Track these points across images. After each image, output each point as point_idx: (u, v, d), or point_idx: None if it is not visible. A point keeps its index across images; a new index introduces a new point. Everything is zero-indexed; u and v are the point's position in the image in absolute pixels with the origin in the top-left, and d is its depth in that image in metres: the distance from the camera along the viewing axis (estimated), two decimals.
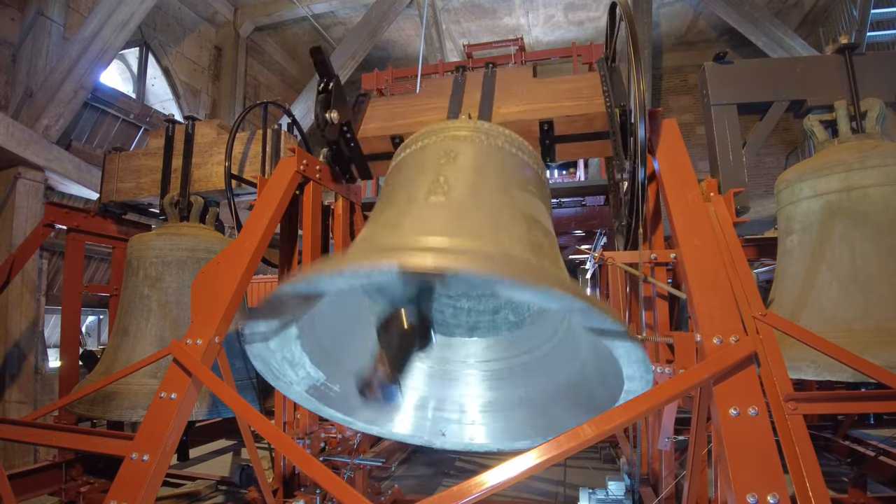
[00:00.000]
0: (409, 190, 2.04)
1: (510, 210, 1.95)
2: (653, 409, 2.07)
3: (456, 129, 2.25)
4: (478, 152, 2.16)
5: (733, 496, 1.73)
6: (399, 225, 1.87)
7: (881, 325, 2.51)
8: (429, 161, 2.13)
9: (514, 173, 2.18)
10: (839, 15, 9.75)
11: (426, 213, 1.88)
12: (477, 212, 1.89)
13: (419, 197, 1.95)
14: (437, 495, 1.77)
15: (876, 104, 2.99)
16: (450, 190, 1.95)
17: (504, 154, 2.21)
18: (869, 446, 4.32)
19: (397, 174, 2.29)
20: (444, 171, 2.03)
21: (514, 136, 2.29)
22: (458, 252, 1.55)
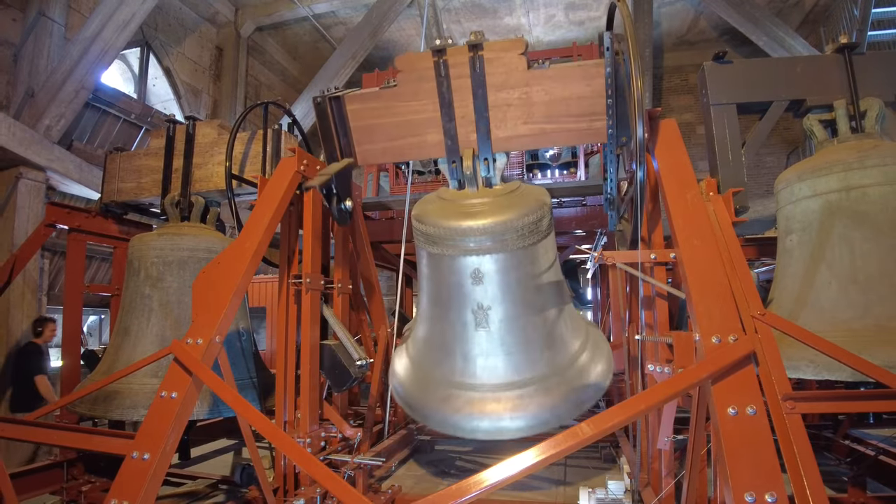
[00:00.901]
0: (455, 313, 2.97)
1: (534, 321, 2.98)
2: (652, 408, 2.08)
3: (475, 241, 2.76)
4: (498, 270, 2.82)
5: (731, 495, 1.74)
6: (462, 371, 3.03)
7: (880, 325, 2.51)
8: (461, 279, 2.88)
9: (529, 269, 2.90)
10: (840, 14, 9.74)
11: (478, 350, 2.97)
12: (511, 336, 2.93)
13: (469, 326, 2.93)
14: (437, 493, 1.78)
15: (875, 104, 2.99)
16: (487, 320, 2.89)
17: (518, 254, 2.81)
18: (869, 446, 4.32)
19: (430, 276, 3.05)
20: (476, 296, 2.87)
21: (524, 225, 2.76)
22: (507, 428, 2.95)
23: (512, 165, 8.46)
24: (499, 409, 2.91)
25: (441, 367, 3.14)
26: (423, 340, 3.31)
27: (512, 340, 2.94)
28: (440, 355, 3.16)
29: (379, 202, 6.44)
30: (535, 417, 2.92)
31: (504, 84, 2.86)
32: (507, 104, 2.88)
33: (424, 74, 2.89)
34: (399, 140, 3.07)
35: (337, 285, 3.72)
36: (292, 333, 3.47)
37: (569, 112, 2.85)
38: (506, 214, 2.78)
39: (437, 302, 3.10)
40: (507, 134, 2.91)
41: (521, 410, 2.90)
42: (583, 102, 2.83)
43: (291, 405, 3.42)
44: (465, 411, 2.95)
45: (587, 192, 5.91)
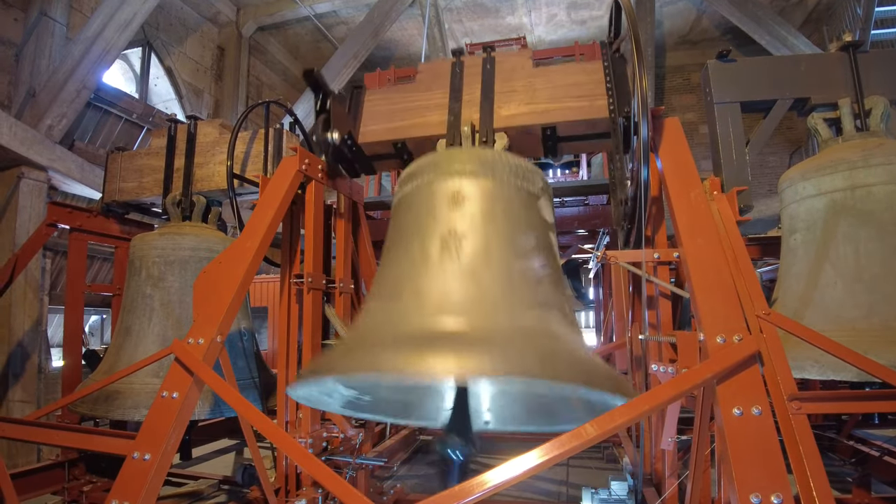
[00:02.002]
0: (420, 242, 2.08)
1: (520, 266, 2.05)
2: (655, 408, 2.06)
3: (460, 163, 2.26)
4: (484, 195, 2.19)
5: (736, 496, 1.72)
6: (416, 307, 1.92)
7: (886, 324, 2.49)
8: (436, 205, 2.16)
9: (521, 212, 2.23)
10: (843, 13, 9.70)
11: (440, 286, 1.93)
12: (489, 274, 1.96)
13: (432, 256, 2.00)
14: (439, 494, 1.76)
15: (880, 102, 2.97)
16: (460, 246, 2.00)
17: (510, 190, 2.24)
18: (873, 446, 4.30)
19: (404, 214, 2.30)
20: (452, 222, 2.08)
21: (518, 165, 2.32)
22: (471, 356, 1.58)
23: None
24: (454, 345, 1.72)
25: (379, 319, 2.04)
26: (364, 308, 2.29)
27: (489, 276, 1.98)
28: (382, 304, 2.09)
29: (381, 201, 6.43)
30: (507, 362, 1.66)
31: (510, 77, 3.01)
32: (511, 91, 2.99)
33: (441, 73, 3.10)
34: (402, 121, 3.12)
35: (339, 285, 3.71)
36: (294, 333, 3.46)
37: (570, 94, 2.95)
38: (500, 154, 2.41)
39: (400, 243, 2.24)
40: (509, 112, 2.95)
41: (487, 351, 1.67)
42: (584, 87, 2.94)
43: (293, 405, 3.41)
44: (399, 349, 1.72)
45: (589, 191, 5.90)
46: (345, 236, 3.92)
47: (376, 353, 1.71)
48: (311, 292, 3.37)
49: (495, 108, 2.94)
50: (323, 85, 2.92)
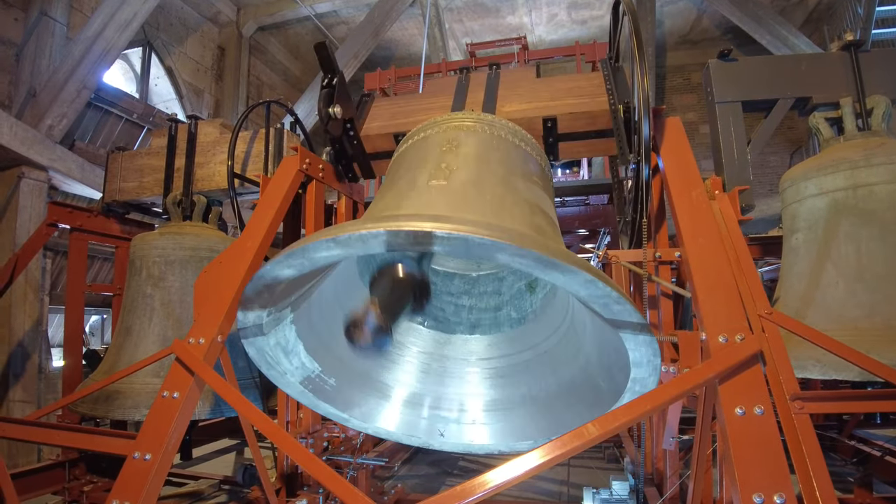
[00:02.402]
0: (411, 175, 2.00)
1: (513, 197, 1.91)
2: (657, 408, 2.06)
3: (459, 119, 2.25)
4: (481, 141, 2.13)
5: (739, 496, 1.71)
6: (399, 206, 1.81)
7: (888, 324, 2.48)
8: (432, 149, 2.11)
9: (518, 163, 2.15)
10: (844, 12, 9.70)
11: (427, 196, 1.83)
12: (479, 196, 1.84)
13: (420, 181, 1.91)
14: (441, 494, 1.76)
15: (882, 101, 2.97)
16: (451, 174, 1.90)
17: (508, 145, 2.18)
18: (875, 446, 4.30)
19: (399, 163, 2.25)
20: (446, 158, 2.00)
21: (517, 129, 2.29)
22: (458, 221, 1.37)
23: None
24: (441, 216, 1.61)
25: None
26: None
27: (480, 201, 1.83)
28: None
29: None
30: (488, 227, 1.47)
31: (514, 85, 3.11)
32: (515, 94, 3.05)
33: (447, 86, 3.23)
34: (404, 118, 3.17)
35: None
36: None
37: (571, 94, 3.01)
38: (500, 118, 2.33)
39: (388, 185, 2.16)
40: (511, 108, 2.99)
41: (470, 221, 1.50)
42: (584, 89, 3.01)
43: (293, 405, 3.41)
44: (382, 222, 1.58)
45: (590, 191, 5.90)
46: None
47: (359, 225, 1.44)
48: None
49: (498, 105, 2.96)
50: (333, 61, 2.96)
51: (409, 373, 2.28)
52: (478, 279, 2.40)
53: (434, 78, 7.41)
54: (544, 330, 2.25)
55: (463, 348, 2.34)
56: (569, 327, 2.13)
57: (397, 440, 2.21)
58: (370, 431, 2.19)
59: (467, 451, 2.20)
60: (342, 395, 2.15)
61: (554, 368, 2.16)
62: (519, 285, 2.37)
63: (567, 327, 2.15)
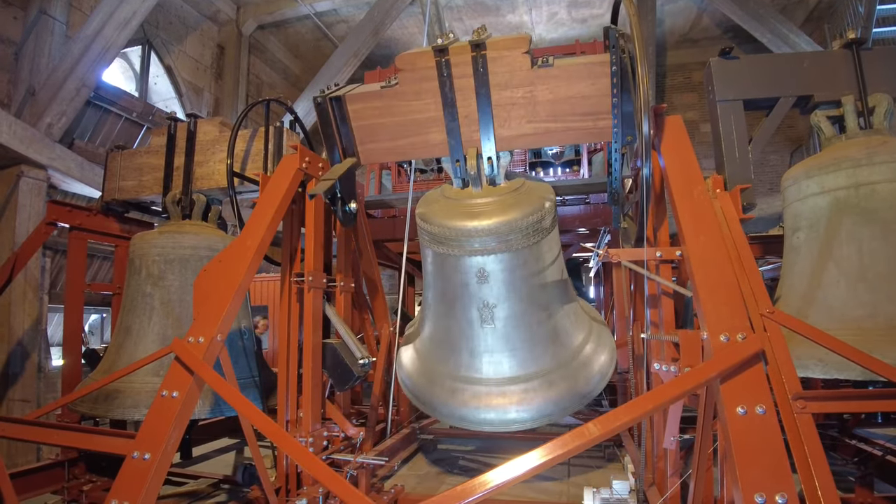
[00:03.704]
0: (462, 310, 3.04)
1: (535, 313, 3.04)
2: (659, 407, 2.06)
3: (480, 241, 2.79)
4: (503, 269, 2.86)
5: (741, 495, 1.71)
6: (469, 366, 3.15)
7: (890, 323, 2.48)
8: (466, 278, 2.93)
9: (533, 267, 2.94)
10: (844, 11, 9.67)
11: (484, 347, 3.07)
12: (515, 332, 3.03)
13: (475, 323, 3.01)
14: (441, 494, 1.75)
15: (884, 99, 2.96)
16: (495, 319, 2.96)
17: (523, 252, 2.84)
18: (876, 445, 4.29)
19: (436, 273, 3.12)
20: (481, 294, 2.93)
21: (528, 221, 2.77)
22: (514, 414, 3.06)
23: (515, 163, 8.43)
24: (504, 403, 3.04)
25: (448, 363, 3.25)
26: (429, 336, 3.42)
27: (517, 337, 3.04)
28: (447, 351, 3.26)
29: (381, 200, 6.41)
30: (539, 410, 3.04)
31: (508, 84, 2.80)
32: (511, 103, 2.83)
33: (426, 74, 2.83)
34: (402, 139, 3.04)
35: (339, 284, 3.70)
36: (294, 332, 3.45)
37: (573, 111, 2.81)
38: (510, 214, 2.80)
39: (443, 299, 3.18)
40: (511, 133, 2.88)
41: (526, 404, 3.03)
42: (587, 101, 2.79)
43: (293, 404, 3.40)
44: (472, 404, 3.09)
45: (590, 189, 5.89)
46: (345, 235, 3.91)
47: (457, 410, 3.16)
48: (311, 291, 3.36)
49: (496, 128, 2.87)
50: (333, 189, 3.21)
51: None
52: None
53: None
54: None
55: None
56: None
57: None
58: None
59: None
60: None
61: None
62: None
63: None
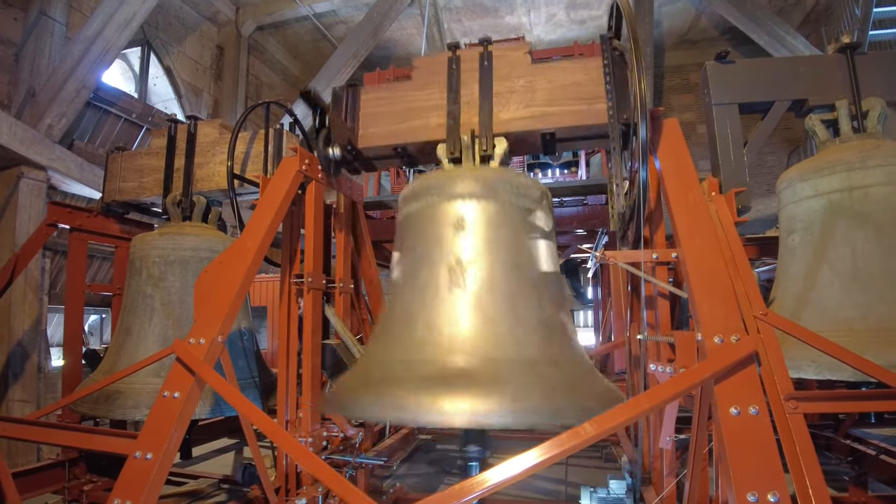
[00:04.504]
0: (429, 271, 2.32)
1: (522, 288, 2.29)
2: (654, 407, 2.08)
3: (462, 185, 2.43)
4: (487, 223, 2.37)
5: (734, 494, 1.74)
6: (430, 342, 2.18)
7: (882, 325, 2.51)
8: (442, 231, 2.37)
9: (522, 231, 2.43)
10: (841, 13, 9.72)
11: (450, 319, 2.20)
12: (493, 305, 2.21)
13: (441, 287, 2.26)
14: (439, 493, 1.78)
15: (877, 103, 2.99)
16: (467, 280, 2.25)
17: (511, 210, 2.42)
18: (870, 445, 4.32)
19: (410, 236, 2.52)
20: (457, 250, 2.30)
21: (518, 183, 2.48)
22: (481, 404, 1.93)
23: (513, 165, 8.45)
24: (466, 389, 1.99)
25: (396, 347, 2.32)
26: (378, 331, 2.61)
27: (494, 306, 2.21)
28: (398, 332, 2.35)
29: (380, 201, 6.44)
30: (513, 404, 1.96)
31: (509, 75, 2.98)
32: (510, 91, 2.96)
33: (437, 69, 3.05)
34: (401, 124, 3.10)
35: (338, 284, 3.72)
36: (294, 333, 3.48)
37: (569, 96, 2.93)
38: (501, 172, 2.59)
39: (409, 269, 2.45)
40: (508, 116, 2.93)
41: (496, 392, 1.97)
42: (583, 88, 2.92)
43: (293, 404, 3.42)
44: (419, 389, 2.03)
45: (588, 191, 5.92)
46: (344, 236, 3.94)
47: (396, 396, 2.04)
48: (311, 292, 3.39)
49: (494, 112, 2.93)
50: (320, 102, 2.99)
51: None
52: None
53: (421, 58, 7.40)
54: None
55: None
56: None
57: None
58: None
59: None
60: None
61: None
62: None
63: None
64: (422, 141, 3.01)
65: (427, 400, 1.96)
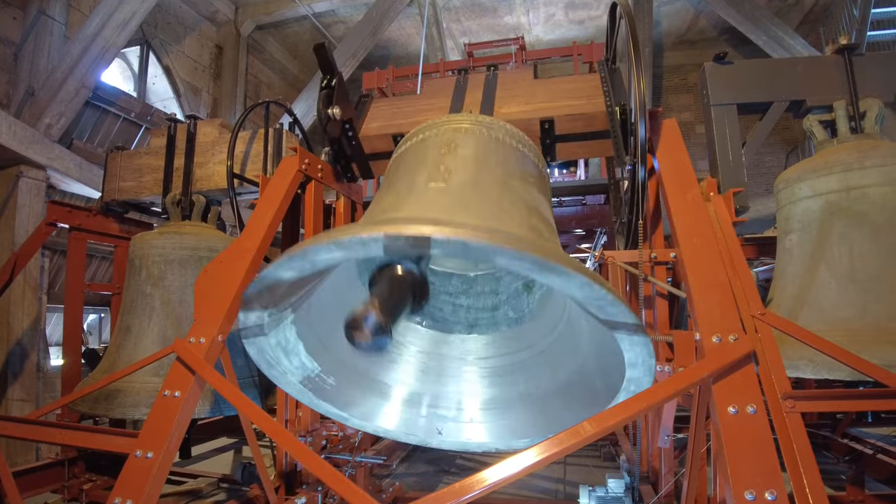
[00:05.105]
0: (409, 178, 2.04)
1: (511, 198, 1.96)
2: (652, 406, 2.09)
3: (457, 121, 2.28)
4: (479, 143, 2.18)
5: (731, 493, 1.75)
6: (397, 208, 1.86)
7: (879, 325, 2.52)
8: (430, 151, 2.15)
9: (515, 165, 2.20)
10: (839, 14, 9.75)
11: (426, 198, 1.87)
12: (477, 198, 1.89)
13: (419, 183, 1.95)
14: (438, 492, 1.78)
15: (875, 104, 3.00)
16: (450, 177, 1.96)
17: (505, 146, 2.23)
18: (867, 444, 4.34)
19: (397, 166, 2.29)
20: (444, 161, 2.05)
21: (515, 130, 2.31)
22: (457, 225, 1.42)
23: None
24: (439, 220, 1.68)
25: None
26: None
27: (478, 202, 1.92)
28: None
29: None
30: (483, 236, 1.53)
31: (512, 86, 3.11)
32: (512, 95, 3.05)
33: (445, 87, 3.24)
34: (403, 119, 3.18)
35: None
36: None
37: (568, 96, 3.01)
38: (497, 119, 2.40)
39: (388, 186, 2.21)
40: (509, 110, 2.99)
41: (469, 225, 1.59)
42: (581, 90, 3.01)
43: (293, 404, 3.43)
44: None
45: (587, 191, 5.93)
46: None
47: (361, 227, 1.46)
48: None
49: (495, 107, 2.98)
50: (332, 62, 2.99)
51: (407, 372, 2.30)
52: (475, 279, 2.41)
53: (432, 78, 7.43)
54: (542, 329, 2.27)
55: (461, 347, 2.36)
56: (565, 327, 2.15)
57: (396, 438, 2.21)
58: (370, 430, 2.19)
59: (465, 449, 2.21)
60: (342, 394, 2.15)
61: (551, 367, 2.17)
62: (516, 285, 2.40)
63: (564, 327, 2.16)
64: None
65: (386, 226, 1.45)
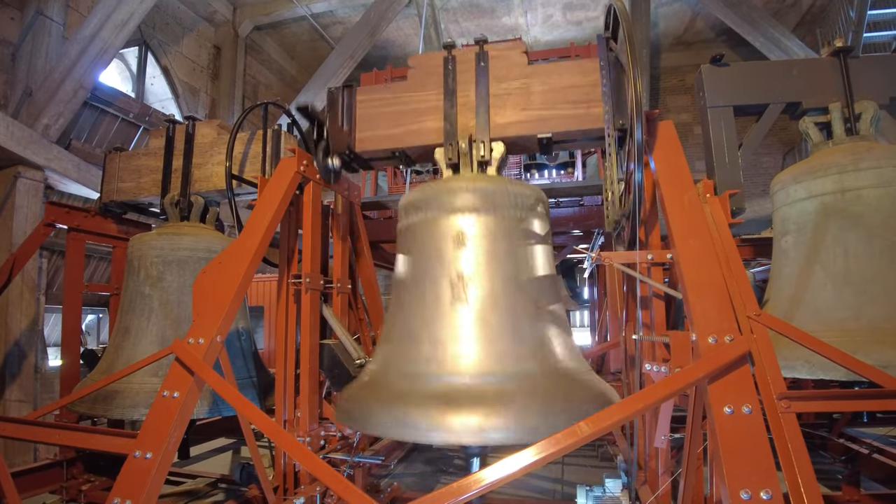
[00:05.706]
0: (431, 286, 2.46)
1: (522, 300, 2.44)
2: (649, 406, 2.11)
3: (461, 200, 2.53)
4: (486, 234, 2.50)
5: (727, 492, 1.76)
6: (429, 358, 2.34)
7: (874, 325, 2.54)
8: (442, 245, 2.50)
9: (519, 242, 2.57)
10: (836, 16, 9.78)
11: (454, 334, 2.35)
12: (496, 319, 2.37)
13: (444, 303, 2.40)
14: (436, 492, 1.80)
15: (870, 106, 3.02)
16: (469, 295, 2.39)
17: (508, 222, 2.55)
18: (863, 444, 4.36)
19: (411, 249, 2.65)
20: (458, 265, 2.44)
21: (515, 192, 2.58)
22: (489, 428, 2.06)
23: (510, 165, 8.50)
24: (473, 406, 2.13)
25: (403, 361, 2.44)
26: (385, 340, 2.70)
27: (496, 320, 2.36)
28: (405, 346, 2.48)
29: (377, 202, 6.46)
30: (517, 421, 2.10)
31: (505, 76, 2.96)
32: (507, 93, 2.95)
33: (433, 70, 3.03)
34: (399, 127, 3.07)
35: (336, 285, 3.74)
36: (292, 333, 3.49)
37: (566, 99, 2.92)
38: (499, 182, 2.66)
39: (412, 283, 2.58)
40: (505, 120, 2.93)
41: (502, 409, 2.11)
42: (579, 91, 2.91)
43: (291, 404, 3.44)
44: (428, 407, 2.17)
45: (585, 192, 5.94)
46: (342, 237, 3.96)
47: (407, 414, 2.18)
48: (309, 292, 3.41)
49: (491, 115, 2.91)
50: (317, 115, 3.02)
51: None
52: None
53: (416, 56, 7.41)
54: None
55: None
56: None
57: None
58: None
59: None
60: None
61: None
62: None
63: None
64: (420, 145, 3.00)
65: (436, 418, 2.11)
